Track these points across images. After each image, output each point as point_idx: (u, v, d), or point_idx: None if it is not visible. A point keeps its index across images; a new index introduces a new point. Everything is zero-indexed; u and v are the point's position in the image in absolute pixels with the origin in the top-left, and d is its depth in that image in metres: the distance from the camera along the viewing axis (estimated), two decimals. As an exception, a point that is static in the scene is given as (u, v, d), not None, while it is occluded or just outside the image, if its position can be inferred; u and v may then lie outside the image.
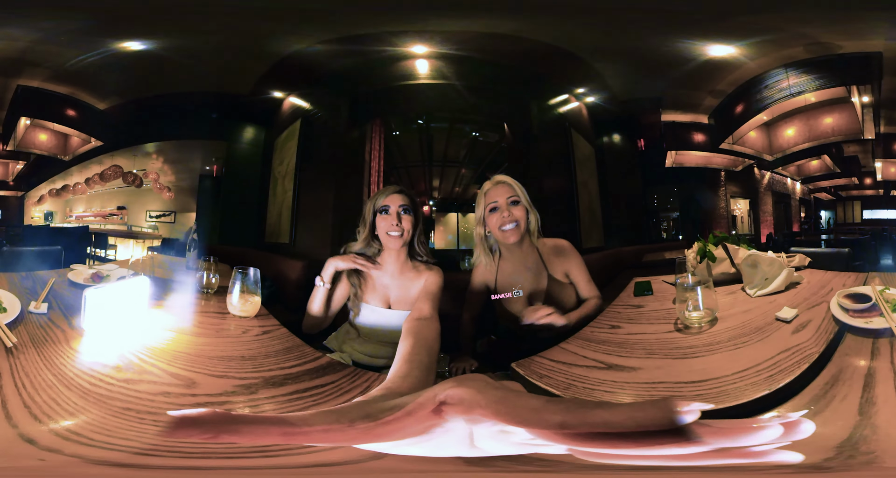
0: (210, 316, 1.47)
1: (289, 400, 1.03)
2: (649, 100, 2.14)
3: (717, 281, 1.59)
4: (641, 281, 1.75)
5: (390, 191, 1.59)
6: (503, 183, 1.65)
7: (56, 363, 1.09)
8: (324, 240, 2.23)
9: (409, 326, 1.15)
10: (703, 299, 1.35)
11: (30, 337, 1.20)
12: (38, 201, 2.07)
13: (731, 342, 1.26)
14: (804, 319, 1.31)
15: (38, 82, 1.87)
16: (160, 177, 2.12)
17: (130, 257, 1.80)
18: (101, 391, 1.00)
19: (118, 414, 0.93)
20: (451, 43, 2.12)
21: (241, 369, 1.14)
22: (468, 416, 0.52)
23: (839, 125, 1.94)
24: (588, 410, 0.46)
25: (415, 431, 0.53)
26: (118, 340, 1.23)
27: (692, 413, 0.43)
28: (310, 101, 2.31)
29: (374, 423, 0.51)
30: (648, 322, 1.47)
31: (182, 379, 1.08)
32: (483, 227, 1.67)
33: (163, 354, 1.19)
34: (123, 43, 1.86)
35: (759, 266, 1.53)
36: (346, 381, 1.13)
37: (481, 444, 0.55)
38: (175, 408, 0.91)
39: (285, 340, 1.34)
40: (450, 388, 0.54)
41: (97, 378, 1.05)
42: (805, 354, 1.14)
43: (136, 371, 1.09)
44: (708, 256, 1.65)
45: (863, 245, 1.95)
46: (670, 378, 1.15)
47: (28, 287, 1.50)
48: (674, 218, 2.23)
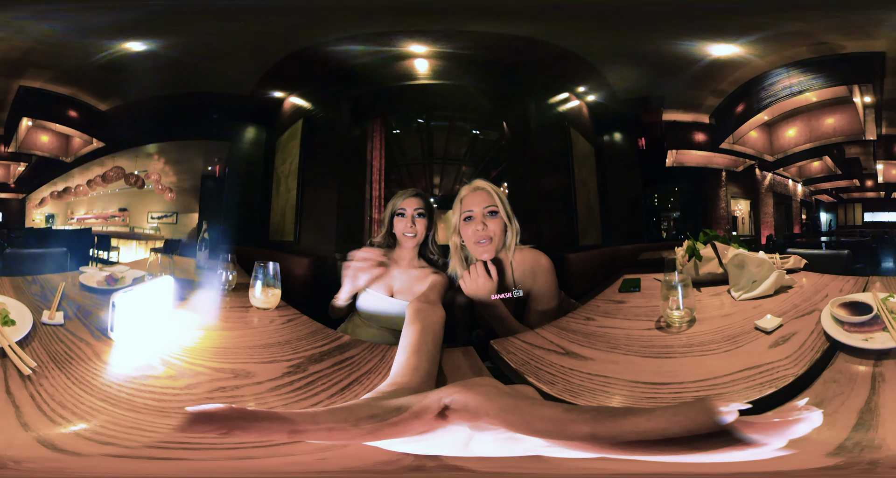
0: (235, 311, 1.51)
1: (333, 371, 1.12)
2: (651, 99, 2.13)
3: (704, 281, 1.57)
4: (630, 278, 1.73)
5: (408, 194, 1.68)
6: (481, 190, 1.55)
7: (94, 384, 0.98)
8: (328, 237, 2.25)
9: (415, 308, 1.17)
10: (682, 299, 1.28)
11: (49, 355, 1.07)
12: (39, 204, 2.07)
13: (699, 348, 1.16)
14: (788, 331, 1.15)
15: (40, 83, 1.86)
16: (162, 178, 2.12)
17: (149, 257, 1.80)
18: (165, 403, 0.94)
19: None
20: (451, 42, 2.12)
21: (283, 353, 1.20)
22: (473, 423, 0.52)
23: (841, 126, 1.93)
24: (618, 418, 0.45)
25: (418, 432, 0.54)
26: (155, 345, 1.17)
27: (732, 413, 0.43)
28: (311, 100, 2.31)
29: (379, 423, 0.52)
30: (625, 318, 1.42)
31: (236, 372, 1.08)
32: (458, 236, 1.58)
33: (204, 352, 1.17)
34: (125, 44, 1.85)
35: (746, 267, 1.44)
36: (366, 353, 1.23)
37: (479, 448, 0.56)
38: (245, 401, 0.96)
39: (308, 325, 1.42)
40: (456, 392, 0.54)
41: (151, 390, 0.98)
42: (777, 376, 0.97)
43: (189, 374, 1.05)
44: (695, 254, 1.60)
45: (863, 247, 1.92)
46: (615, 374, 1.09)
47: (36, 293, 1.42)
48: (674, 218, 2.23)
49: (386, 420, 0.52)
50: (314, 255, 2.18)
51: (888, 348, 0.99)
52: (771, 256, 1.55)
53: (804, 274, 1.55)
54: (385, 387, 0.79)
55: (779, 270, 1.43)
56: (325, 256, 2.20)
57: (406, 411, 0.53)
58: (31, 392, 0.94)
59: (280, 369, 1.10)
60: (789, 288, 1.43)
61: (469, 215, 1.53)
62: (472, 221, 1.52)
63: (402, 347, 0.98)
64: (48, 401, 0.92)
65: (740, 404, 0.44)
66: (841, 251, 1.73)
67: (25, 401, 0.91)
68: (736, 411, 0.43)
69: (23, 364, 0.98)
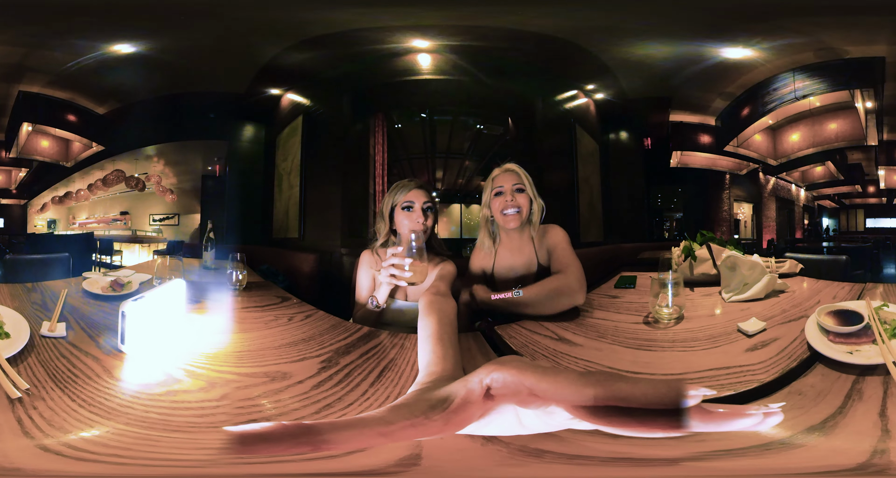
0: (250, 311, 1.47)
1: (364, 361, 1.12)
2: (658, 99, 2.14)
3: (698, 282, 1.60)
4: (627, 275, 1.80)
5: (412, 186, 1.58)
6: (511, 171, 1.67)
7: (108, 405, 0.87)
8: (333, 232, 2.25)
9: (428, 300, 1.17)
10: (672, 297, 1.31)
11: (49, 373, 0.95)
12: (40, 209, 2.02)
13: (680, 344, 1.20)
14: (770, 336, 1.14)
15: (38, 88, 1.80)
16: (162, 180, 2.08)
17: (156, 259, 1.76)
18: (208, 418, 0.86)
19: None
20: (455, 37, 2.08)
21: (310, 349, 1.18)
22: (516, 397, 0.54)
23: (843, 131, 1.96)
24: (614, 382, 0.49)
25: (477, 416, 0.56)
26: (173, 355, 1.07)
27: (696, 398, 0.46)
28: (311, 97, 2.27)
29: (445, 413, 0.53)
30: (616, 311, 1.48)
31: (271, 375, 1.02)
32: (488, 210, 1.69)
33: (228, 357, 1.10)
34: (118, 46, 1.78)
35: (737, 269, 1.44)
36: (387, 342, 1.25)
37: (528, 422, 0.58)
38: (291, 404, 0.91)
39: (327, 319, 1.42)
40: (493, 370, 0.56)
41: (187, 407, 0.89)
42: (742, 380, 0.96)
43: (221, 383, 0.97)
44: (691, 255, 1.64)
45: (865, 254, 1.94)
46: (597, 359, 1.16)
47: (36, 301, 1.32)
48: (677, 218, 2.26)
49: (448, 409, 0.54)
50: (320, 251, 2.19)
51: (874, 365, 0.90)
52: (766, 259, 1.55)
53: (800, 279, 1.56)
54: (424, 377, 0.79)
55: (770, 273, 1.42)
56: (331, 251, 2.21)
57: (458, 398, 0.55)
58: (19, 416, 0.82)
59: (315, 366, 1.06)
60: (782, 292, 1.42)
61: (499, 191, 1.65)
62: (501, 196, 1.64)
63: (424, 338, 0.98)
64: (44, 427, 0.81)
65: (706, 390, 0.47)
66: (839, 257, 1.75)
67: (11, 425, 0.80)
68: (701, 395, 0.46)
69: (10, 386, 0.84)
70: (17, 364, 0.96)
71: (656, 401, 0.46)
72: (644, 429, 0.47)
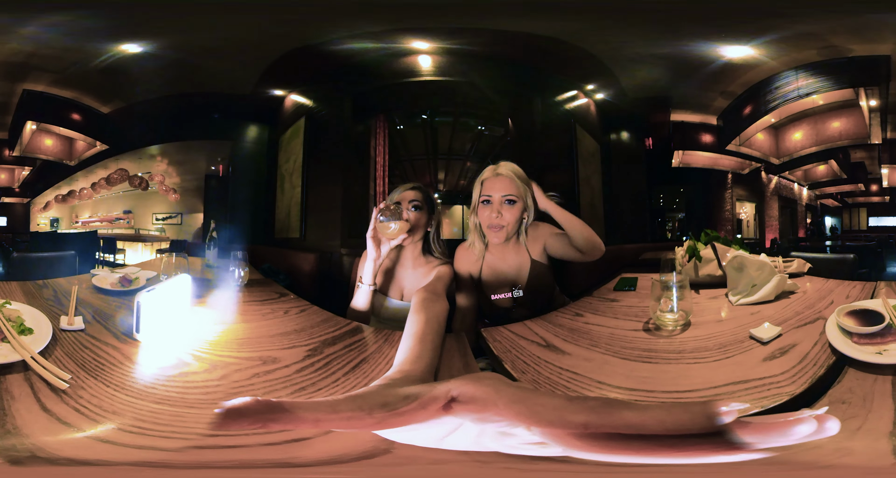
0: (251, 305, 1.58)
1: (345, 352, 1.20)
2: (659, 98, 2.13)
3: (703, 283, 1.52)
4: (627, 276, 1.71)
5: (405, 188, 1.63)
6: (502, 176, 1.53)
7: (135, 388, 0.96)
8: (333, 232, 2.26)
9: (420, 298, 1.21)
10: (677, 301, 1.19)
11: (77, 364, 1.03)
12: (43, 208, 2.05)
13: (686, 355, 1.09)
14: (788, 342, 1.04)
15: (42, 86, 1.83)
16: (165, 179, 2.10)
17: (162, 257, 1.79)
18: (211, 395, 0.97)
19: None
20: (456, 39, 2.09)
21: (300, 339, 1.28)
22: (479, 415, 0.54)
23: (846, 129, 1.94)
24: (613, 410, 0.46)
25: (421, 422, 0.56)
26: (181, 342, 1.18)
27: (731, 414, 0.43)
28: (314, 98, 2.29)
29: (389, 412, 0.54)
30: (613, 317, 1.38)
31: (263, 359, 1.13)
32: (476, 216, 1.60)
33: (229, 344, 1.22)
34: (124, 45, 1.81)
35: (745, 270, 1.36)
36: (371, 336, 1.32)
37: (487, 442, 0.57)
38: (277, 385, 1.01)
39: (320, 314, 1.50)
40: (464, 385, 0.56)
41: (195, 386, 1.00)
42: (768, 394, 0.86)
43: (221, 366, 1.09)
44: (695, 255, 1.56)
45: (869, 252, 1.90)
46: (585, 372, 1.05)
47: (49, 298, 1.40)
48: (679, 218, 2.25)
49: (395, 409, 0.54)
50: (320, 250, 2.20)
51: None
52: (773, 259, 1.48)
53: (808, 278, 1.50)
54: (393, 374, 0.81)
55: (780, 274, 1.34)
56: (331, 251, 2.22)
57: (415, 401, 0.55)
58: (75, 407, 0.89)
59: (301, 353, 1.17)
60: (792, 293, 1.35)
61: (487, 200, 1.53)
62: (489, 206, 1.53)
63: (407, 335, 1.00)
64: (94, 410, 0.88)
65: (740, 404, 0.44)
66: (846, 256, 1.70)
67: (69, 415, 0.86)
68: (735, 411, 0.43)
69: (54, 378, 0.89)
70: (46, 358, 1.03)
71: (677, 427, 0.43)
72: (679, 455, 0.43)
